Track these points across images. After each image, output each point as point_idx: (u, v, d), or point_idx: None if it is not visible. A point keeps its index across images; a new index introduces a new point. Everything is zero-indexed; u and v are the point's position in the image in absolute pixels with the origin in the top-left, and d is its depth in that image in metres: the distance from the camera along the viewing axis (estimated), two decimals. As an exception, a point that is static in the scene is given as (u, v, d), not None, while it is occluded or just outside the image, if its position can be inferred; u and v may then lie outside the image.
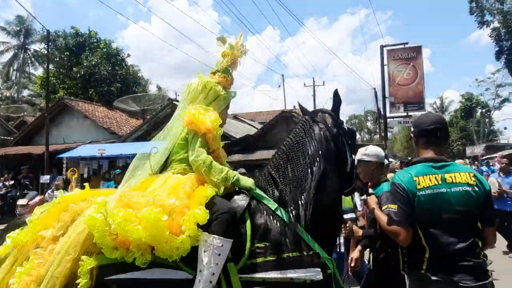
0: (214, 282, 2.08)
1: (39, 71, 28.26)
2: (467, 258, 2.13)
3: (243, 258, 2.17)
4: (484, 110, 45.42)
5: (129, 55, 28.45)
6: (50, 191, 8.60)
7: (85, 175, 14.38)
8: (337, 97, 2.64)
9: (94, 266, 2.05)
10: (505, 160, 7.74)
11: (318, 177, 2.35)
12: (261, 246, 2.20)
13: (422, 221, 2.20)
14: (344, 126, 2.64)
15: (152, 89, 35.56)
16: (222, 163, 2.56)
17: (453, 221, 2.17)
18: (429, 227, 2.19)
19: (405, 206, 2.21)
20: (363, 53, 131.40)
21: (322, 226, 2.33)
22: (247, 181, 2.40)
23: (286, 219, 2.28)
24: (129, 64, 28.04)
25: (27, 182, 14.47)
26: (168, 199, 2.14)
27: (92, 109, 20.02)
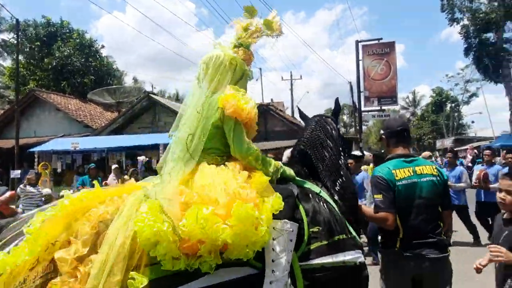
0: (288, 271, 1.90)
1: (8, 62, 27.12)
2: (432, 236, 2.57)
3: (303, 244, 2.02)
4: (453, 105, 47.12)
5: (103, 46, 27.71)
6: (22, 186, 8.35)
7: (58, 170, 14.03)
8: (337, 104, 2.94)
9: (147, 283, 1.66)
10: (488, 151, 7.78)
11: (344, 165, 2.63)
12: (315, 230, 2.09)
13: (399, 206, 2.58)
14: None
15: (128, 81, 34.86)
16: None
17: (422, 206, 2.59)
18: (404, 212, 2.58)
19: (388, 194, 2.58)
20: (340, 47, 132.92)
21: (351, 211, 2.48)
22: (290, 170, 2.37)
23: (332, 202, 2.29)
24: (103, 55, 27.38)
25: (-4, 177, 14.00)
26: (242, 191, 1.83)
27: (64, 101, 19.46)
